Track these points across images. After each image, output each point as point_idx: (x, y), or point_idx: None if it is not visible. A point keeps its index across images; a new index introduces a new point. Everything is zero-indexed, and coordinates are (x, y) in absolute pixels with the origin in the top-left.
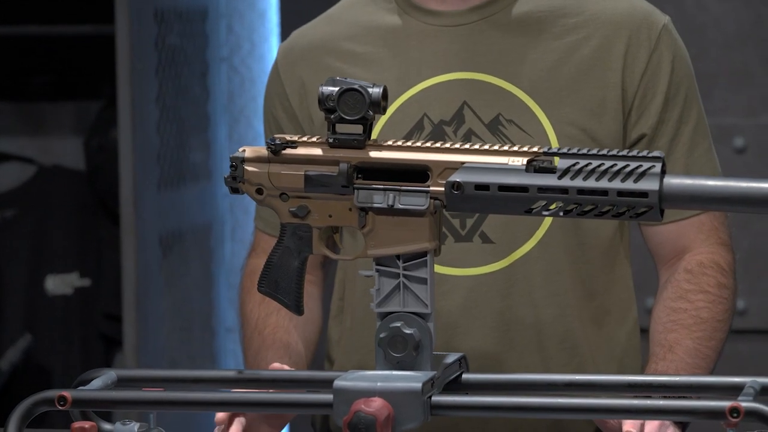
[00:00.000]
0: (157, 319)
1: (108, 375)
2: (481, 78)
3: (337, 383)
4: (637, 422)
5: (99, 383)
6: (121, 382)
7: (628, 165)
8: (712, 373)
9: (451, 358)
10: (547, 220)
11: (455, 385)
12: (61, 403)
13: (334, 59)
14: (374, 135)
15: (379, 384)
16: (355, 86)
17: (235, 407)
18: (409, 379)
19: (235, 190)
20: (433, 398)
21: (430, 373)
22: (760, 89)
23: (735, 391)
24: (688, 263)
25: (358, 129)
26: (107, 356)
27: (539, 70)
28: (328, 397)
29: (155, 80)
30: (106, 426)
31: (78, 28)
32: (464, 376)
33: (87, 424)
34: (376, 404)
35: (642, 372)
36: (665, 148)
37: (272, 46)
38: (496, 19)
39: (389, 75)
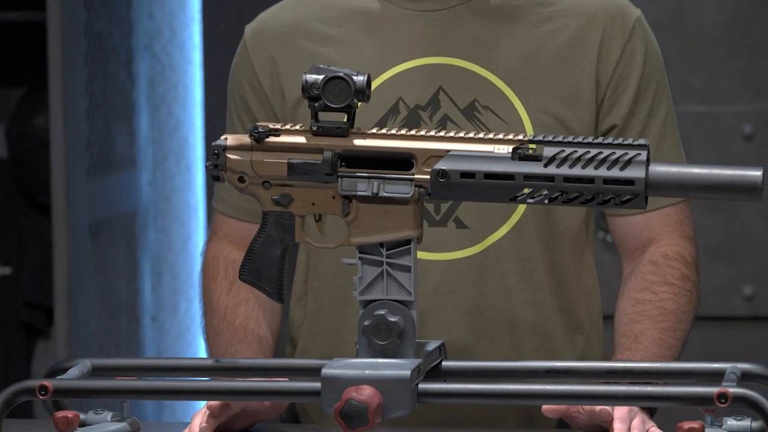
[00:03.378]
0: (86, 308)
1: (83, 364)
2: (456, 63)
3: (325, 371)
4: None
5: (75, 372)
6: (96, 371)
7: (614, 153)
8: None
9: (431, 345)
10: (521, 207)
11: (435, 373)
12: (42, 392)
13: (307, 41)
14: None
15: (367, 372)
16: (340, 74)
17: (221, 396)
18: (397, 367)
19: (216, 178)
20: (420, 386)
21: (416, 361)
22: (679, 78)
23: (714, 376)
24: (653, 255)
25: (339, 116)
26: (29, 345)
27: (515, 57)
28: (315, 385)
29: (84, 67)
30: (80, 416)
31: (3, 15)
32: (444, 363)
33: (70, 414)
34: (367, 392)
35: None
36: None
37: (193, 33)
38: (472, 5)
39: (363, 57)
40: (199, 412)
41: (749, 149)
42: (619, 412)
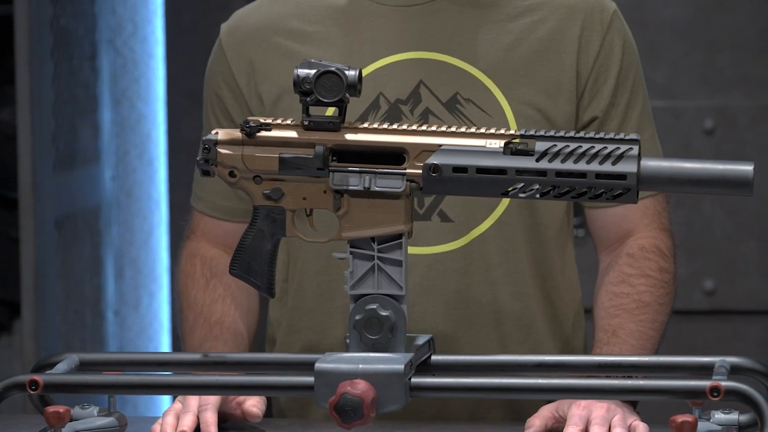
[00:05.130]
0: (53, 303)
1: (70, 359)
2: (436, 57)
3: (319, 365)
4: (583, 418)
5: (64, 367)
6: (83, 366)
7: (605, 147)
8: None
9: (421, 339)
10: (505, 200)
11: (424, 367)
12: (33, 387)
13: (284, 38)
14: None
15: (361, 366)
16: (332, 69)
17: (215, 390)
18: (390, 361)
19: (206, 173)
20: (413, 380)
21: (408, 355)
22: None
23: (704, 370)
24: (630, 248)
25: (322, 111)
26: None
27: (495, 50)
28: (308, 379)
29: (50, 61)
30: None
31: None
32: (433, 357)
33: (61, 409)
34: (362, 386)
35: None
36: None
37: (156, 28)
38: None
39: (341, 54)
40: (171, 408)
41: (710, 144)
42: (597, 415)
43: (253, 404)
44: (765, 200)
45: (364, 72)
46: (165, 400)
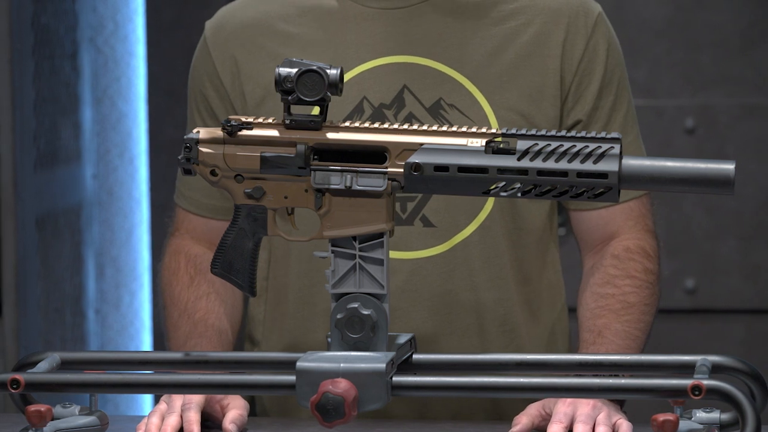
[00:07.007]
0: (34, 301)
1: (52, 358)
2: (420, 62)
3: (300, 364)
4: (568, 415)
5: (45, 366)
6: (65, 365)
7: (587, 146)
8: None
9: (402, 338)
10: (488, 205)
11: (405, 366)
12: (14, 386)
13: (269, 39)
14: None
15: (342, 365)
16: (314, 67)
17: (196, 389)
18: (372, 360)
19: (188, 172)
20: (394, 379)
21: (389, 354)
22: None
23: (685, 369)
24: (614, 249)
25: (308, 110)
26: None
27: (479, 55)
28: (290, 378)
29: (31, 60)
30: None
31: None
32: (414, 356)
33: (43, 408)
34: (343, 385)
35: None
36: None
37: (136, 26)
38: (433, 3)
39: (326, 57)
40: (157, 409)
41: (691, 143)
42: (582, 412)
43: (232, 420)
44: (745, 199)
45: (349, 75)
46: (146, 399)
